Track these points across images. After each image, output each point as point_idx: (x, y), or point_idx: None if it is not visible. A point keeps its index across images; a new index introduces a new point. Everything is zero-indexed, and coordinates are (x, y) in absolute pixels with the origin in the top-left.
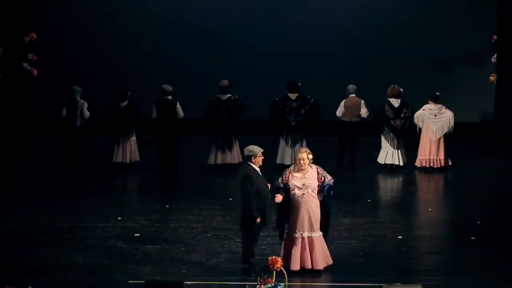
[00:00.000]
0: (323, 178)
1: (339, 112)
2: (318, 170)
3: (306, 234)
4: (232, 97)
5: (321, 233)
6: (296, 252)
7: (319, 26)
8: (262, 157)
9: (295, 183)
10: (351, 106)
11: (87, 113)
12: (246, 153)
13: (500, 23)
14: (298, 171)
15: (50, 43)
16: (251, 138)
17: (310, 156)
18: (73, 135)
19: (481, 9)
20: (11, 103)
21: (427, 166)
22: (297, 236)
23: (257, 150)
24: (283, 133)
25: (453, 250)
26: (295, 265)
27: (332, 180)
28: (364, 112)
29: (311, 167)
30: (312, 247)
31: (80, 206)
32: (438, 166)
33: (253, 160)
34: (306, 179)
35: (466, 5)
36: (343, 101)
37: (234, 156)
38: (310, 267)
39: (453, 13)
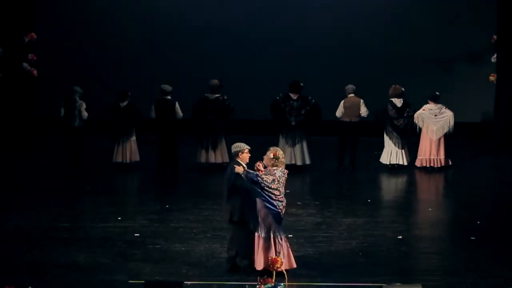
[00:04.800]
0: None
1: (339, 112)
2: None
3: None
4: (220, 98)
5: (261, 233)
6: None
7: (319, 26)
8: (249, 155)
9: None
10: (350, 106)
11: (85, 114)
12: (233, 149)
13: (500, 23)
14: None
15: (50, 43)
16: (252, 138)
17: (265, 156)
18: (72, 135)
19: (481, 9)
20: (11, 103)
21: (427, 166)
22: None
23: (243, 146)
24: (283, 132)
25: (453, 250)
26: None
27: (260, 177)
28: (363, 111)
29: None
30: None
31: (80, 206)
32: (438, 166)
33: (240, 156)
34: None
35: (466, 5)
36: (342, 101)
37: (218, 156)
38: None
39: (453, 12)
